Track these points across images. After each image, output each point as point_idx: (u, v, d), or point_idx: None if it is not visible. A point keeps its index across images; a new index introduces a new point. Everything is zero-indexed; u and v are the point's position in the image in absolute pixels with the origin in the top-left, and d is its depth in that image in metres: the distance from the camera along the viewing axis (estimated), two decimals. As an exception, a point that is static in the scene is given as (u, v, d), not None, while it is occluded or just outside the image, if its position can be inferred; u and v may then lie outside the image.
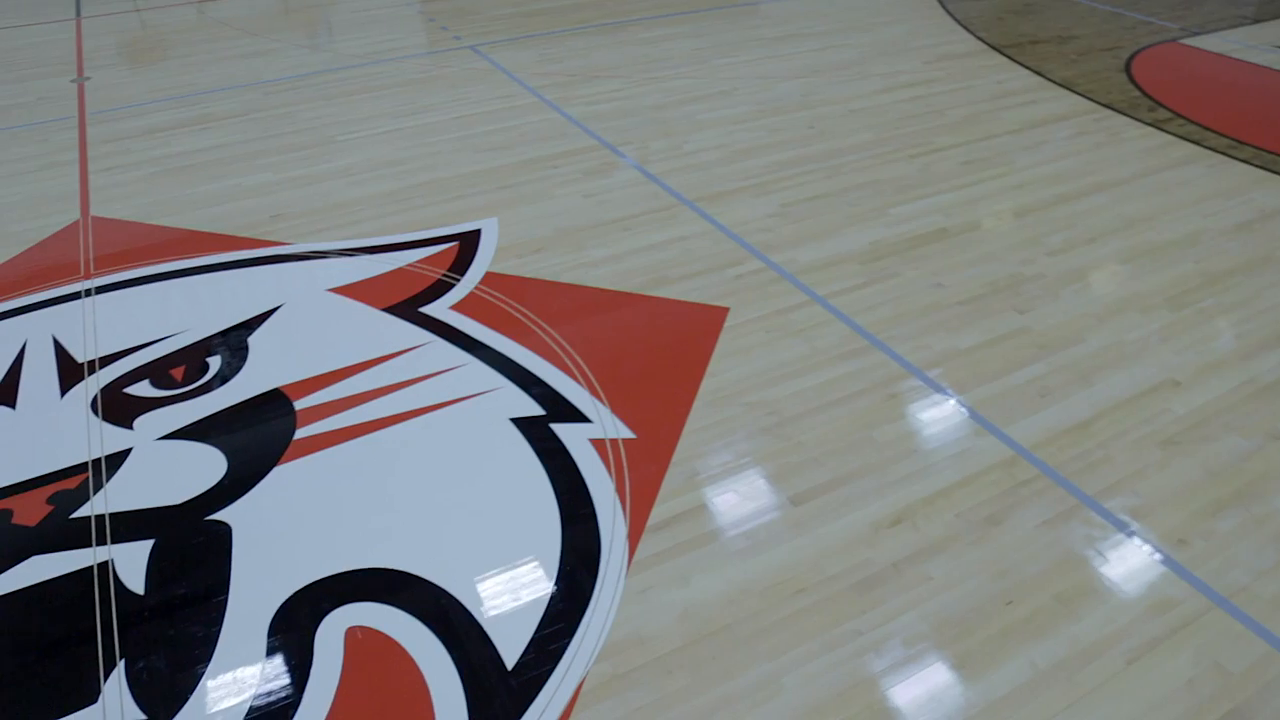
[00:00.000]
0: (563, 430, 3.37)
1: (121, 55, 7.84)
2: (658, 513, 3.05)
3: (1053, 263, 4.46)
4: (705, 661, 2.58)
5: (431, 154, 5.66)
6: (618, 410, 3.46)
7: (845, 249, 4.57)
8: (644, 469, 3.20)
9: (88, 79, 7.24)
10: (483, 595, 2.74)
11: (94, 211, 5.09)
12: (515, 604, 2.72)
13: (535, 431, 3.36)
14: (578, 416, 3.43)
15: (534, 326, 3.94)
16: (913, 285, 4.27)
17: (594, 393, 3.55)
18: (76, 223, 4.98)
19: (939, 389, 3.58)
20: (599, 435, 3.34)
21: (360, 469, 3.23)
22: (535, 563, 2.85)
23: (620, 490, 3.12)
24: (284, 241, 4.70)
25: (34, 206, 5.15)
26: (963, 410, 3.47)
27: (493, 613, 2.69)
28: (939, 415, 3.46)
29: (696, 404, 3.53)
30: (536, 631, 2.65)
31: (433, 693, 2.48)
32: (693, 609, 2.73)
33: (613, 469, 3.19)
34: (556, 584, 2.79)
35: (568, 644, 2.62)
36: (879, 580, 2.81)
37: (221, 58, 7.66)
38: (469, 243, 4.59)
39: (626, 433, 3.36)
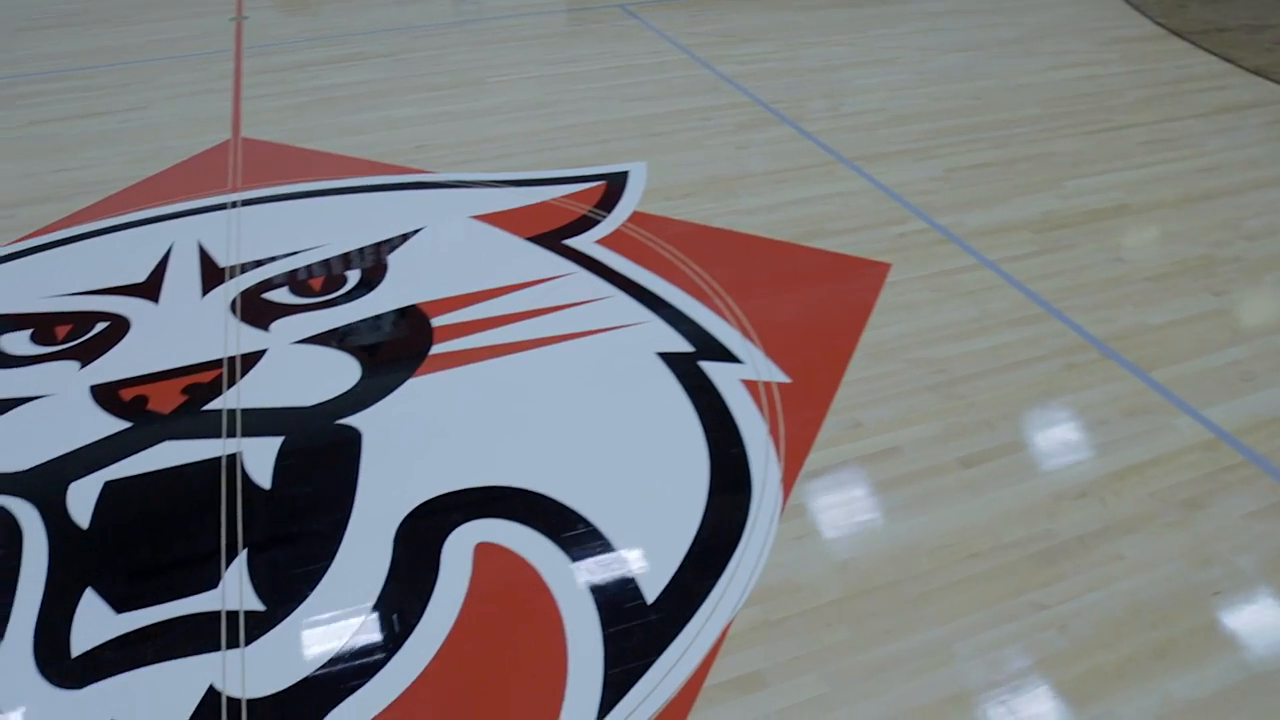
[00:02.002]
0: (712, 368, 3.14)
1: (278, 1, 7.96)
2: (814, 459, 2.80)
3: (1251, 247, 4.03)
4: (867, 617, 2.32)
5: (579, 99, 5.51)
6: (772, 354, 3.22)
7: (1016, 216, 4.23)
8: (800, 414, 2.95)
9: (246, 18, 7.34)
10: (622, 526, 2.55)
11: (244, 133, 5.09)
12: (657, 537, 2.52)
13: (682, 367, 3.15)
14: (728, 356, 3.20)
15: (683, 267, 3.73)
16: (1091, 258, 3.90)
17: (746, 335, 3.32)
18: (227, 142, 4.99)
19: (1125, 363, 3.23)
20: (751, 377, 3.10)
21: (496, 388, 3.07)
22: (679, 497, 2.64)
23: (774, 433, 2.87)
24: (428, 170, 4.59)
25: (189, 126, 5.19)
26: (1153, 387, 3.12)
27: (632, 544, 2.49)
28: (1125, 390, 3.11)
29: (856, 355, 3.26)
30: (679, 568, 2.44)
31: (565, 618, 2.30)
32: (853, 562, 2.47)
33: (766, 411, 2.95)
34: (702, 521, 2.56)
35: (714, 583, 2.39)
36: (1062, 553, 2.50)
37: (373, 5, 7.69)
38: (616, 183, 4.40)
39: (781, 377, 3.11)
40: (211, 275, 3.74)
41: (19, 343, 3.36)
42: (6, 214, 4.29)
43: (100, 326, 3.44)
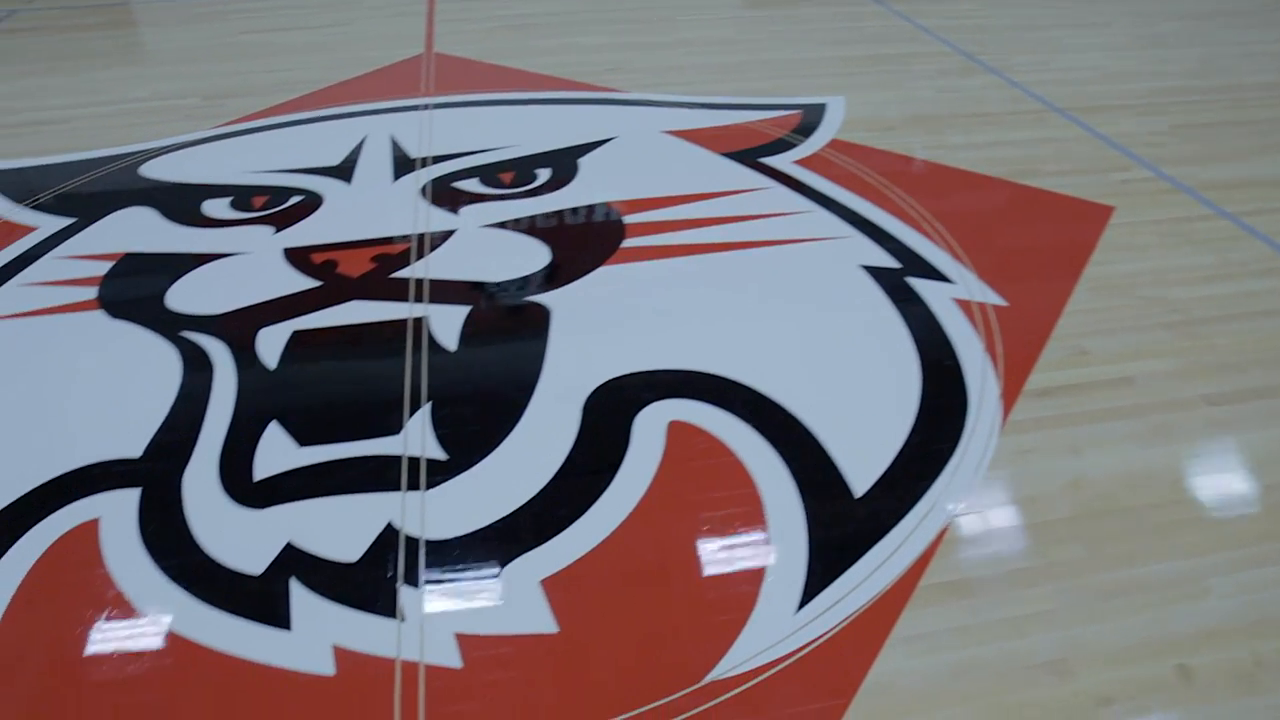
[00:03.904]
0: (920, 285, 2.92)
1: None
2: (1037, 380, 2.55)
3: None
4: (1104, 540, 2.06)
5: (769, 39, 5.34)
6: (985, 277, 2.97)
7: (1258, 173, 3.82)
8: (1018, 336, 2.71)
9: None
10: (824, 419, 2.37)
11: (437, 49, 5.11)
12: (863, 435, 2.34)
13: (889, 280, 2.94)
14: (938, 275, 2.97)
15: (886, 191, 3.50)
16: (1348, 220, 3.47)
17: (956, 257, 3.07)
18: (420, 56, 5.02)
19: (1399, 325, 2.83)
20: (964, 296, 2.86)
21: (689, 283, 2.94)
22: (887, 399, 2.45)
23: (990, 350, 2.63)
24: (620, 89, 4.49)
25: (385, 41, 5.27)
26: None
27: (836, 439, 2.31)
28: (1401, 351, 2.72)
29: (1079, 287, 2.98)
30: (890, 467, 2.23)
31: (765, 501, 2.12)
32: (1086, 482, 2.21)
33: (981, 330, 2.71)
34: (914, 425, 2.35)
35: (928, 486, 2.18)
36: (1335, 501, 2.17)
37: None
38: (813, 114, 4.21)
39: (996, 299, 2.86)
40: (403, 165, 3.73)
41: (219, 208, 3.42)
42: (214, 104, 4.42)
43: (294, 199, 3.47)
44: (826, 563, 1.98)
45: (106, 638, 1.85)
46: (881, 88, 4.61)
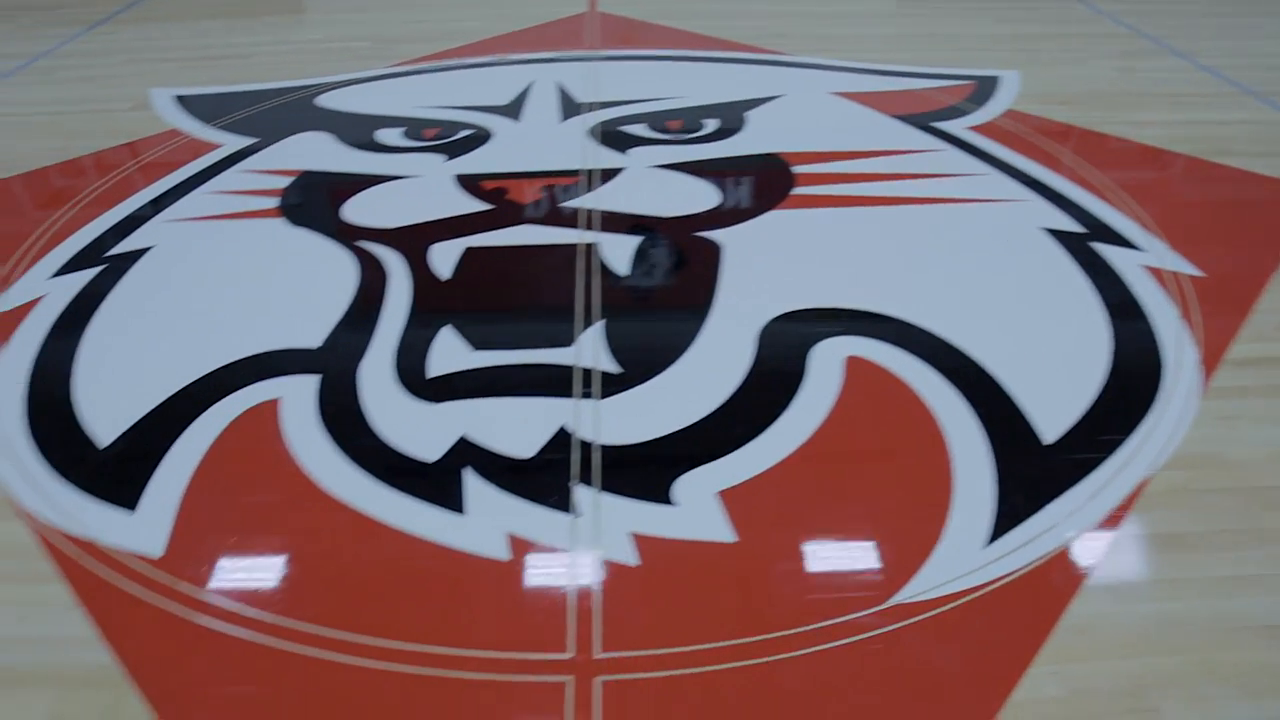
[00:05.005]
0: (1107, 250, 2.78)
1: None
2: (1240, 350, 2.39)
3: None
4: (1320, 512, 1.89)
5: (937, 14, 5.18)
6: (1178, 248, 2.80)
7: None
8: (1217, 305, 2.55)
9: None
10: (1008, 367, 2.28)
11: (600, 8, 5.13)
12: (1049, 384, 2.23)
13: (1073, 244, 2.80)
14: (1126, 243, 2.82)
15: (1067, 160, 3.35)
16: None
17: (1145, 226, 2.90)
18: (584, 14, 5.04)
19: None
20: (1155, 264, 2.70)
21: (863, 231, 2.88)
22: (1074, 352, 2.35)
23: (1186, 317, 2.48)
24: (786, 52, 4.42)
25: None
26: None
27: (1023, 387, 2.21)
28: None
29: (1285, 265, 2.77)
30: (1083, 418, 2.11)
31: (948, 438, 2.04)
32: (1297, 453, 2.04)
33: (1175, 297, 2.55)
34: (1106, 380, 2.22)
35: (1122, 440, 2.06)
36: None
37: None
38: (987, 84, 4.06)
39: (1190, 269, 2.69)
40: (570, 108, 3.76)
41: (392, 136, 3.50)
42: (384, 46, 4.54)
43: (464, 133, 3.52)
44: (1015, 502, 1.89)
45: (284, 505, 1.88)
46: (1059, 64, 4.42)
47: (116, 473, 1.97)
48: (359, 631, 1.63)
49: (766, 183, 3.13)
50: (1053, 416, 2.12)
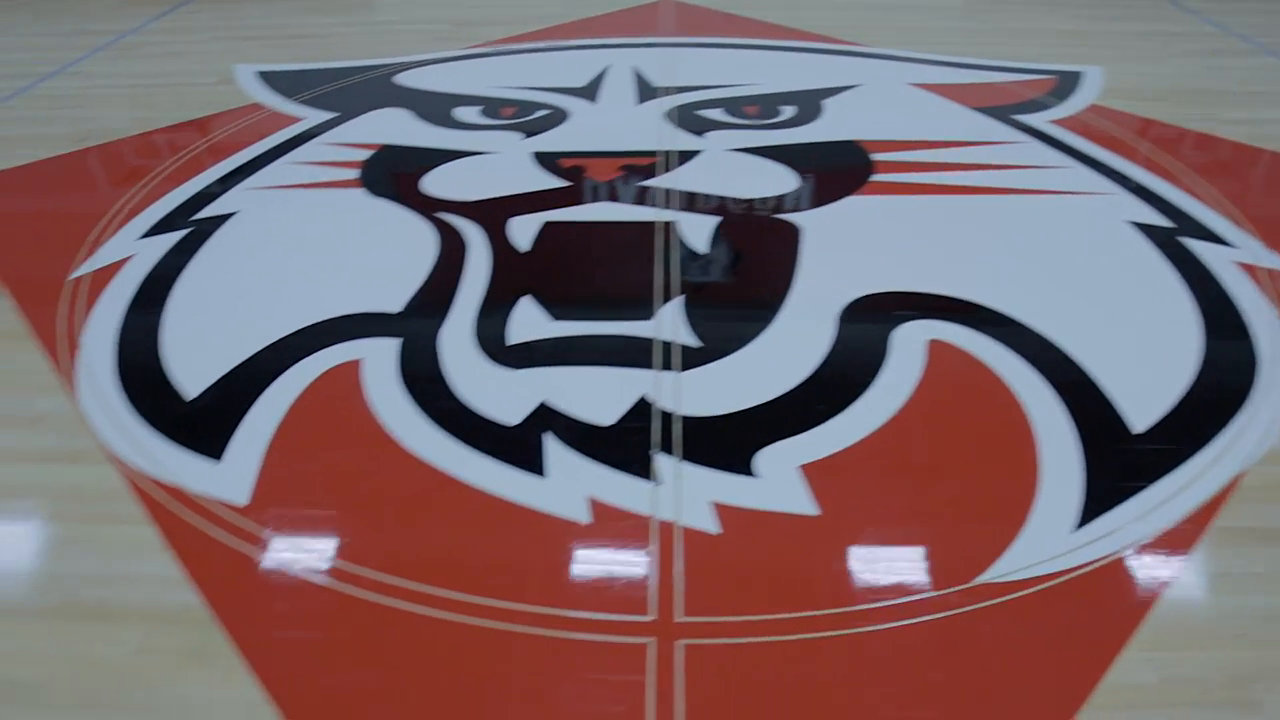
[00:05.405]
0: (1197, 245, 2.71)
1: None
2: (1340, 350, 2.29)
3: None
4: None
5: (1017, 9, 5.09)
6: (1273, 246, 2.71)
7: None
8: (1316, 305, 2.45)
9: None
10: (1095, 356, 2.24)
11: (673, -1, 5.14)
12: (1138, 375, 2.18)
13: (1160, 237, 2.74)
14: (1217, 239, 2.74)
15: (1153, 155, 3.26)
16: None
17: (1237, 223, 2.82)
18: (658, 2, 5.03)
19: None
20: (1248, 261, 2.63)
21: (944, 218, 2.85)
22: (1164, 344, 2.29)
23: (1282, 315, 2.39)
24: (861, 43, 4.38)
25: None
26: None
27: (1110, 375, 2.16)
28: None
29: (1385, 267, 2.67)
30: (1175, 409, 2.06)
31: (1034, 424, 2.01)
32: (1403, 454, 1.97)
33: (1270, 296, 2.47)
34: (1198, 374, 2.17)
35: (1215, 433, 2.01)
36: None
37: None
38: (1069, 79, 3.98)
39: (1286, 268, 2.61)
40: (646, 91, 3.76)
41: (470, 114, 3.53)
42: (461, 29, 4.58)
43: (541, 113, 3.54)
44: (1104, 489, 1.85)
45: (365, 461, 1.90)
46: (1144, 60, 4.33)
47: (203, 424, 2.01)
48: (440, 585, 1.64)
49: (845, 169, 3.10)
50: (1142, 406, 2.07)
